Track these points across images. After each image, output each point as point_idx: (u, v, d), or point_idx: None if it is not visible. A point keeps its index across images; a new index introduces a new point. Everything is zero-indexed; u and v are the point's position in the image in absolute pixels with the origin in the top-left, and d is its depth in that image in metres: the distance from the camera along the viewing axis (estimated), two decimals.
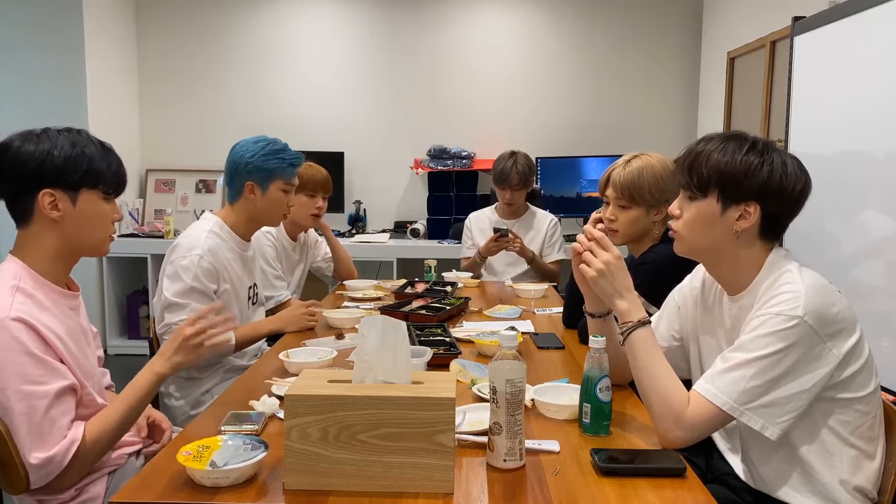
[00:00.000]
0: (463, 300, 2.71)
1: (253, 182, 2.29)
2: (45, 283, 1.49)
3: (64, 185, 1.47)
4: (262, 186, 2.30)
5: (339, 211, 5.15)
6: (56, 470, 1.38)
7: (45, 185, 1.46)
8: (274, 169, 2.30)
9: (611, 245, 1.52)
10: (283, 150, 2.34)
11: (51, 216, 1.47)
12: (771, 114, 3.88)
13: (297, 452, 1.17)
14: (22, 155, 1.45)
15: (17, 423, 1.36)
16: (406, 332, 1.29)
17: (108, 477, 1.58)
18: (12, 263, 1.49)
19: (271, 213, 2.36)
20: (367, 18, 5.27)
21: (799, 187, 1.39)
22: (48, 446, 1.37)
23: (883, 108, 2.46)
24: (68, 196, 1.48)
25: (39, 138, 1.47)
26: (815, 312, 1.30)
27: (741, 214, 1.40)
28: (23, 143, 1.46)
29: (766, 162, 1.38)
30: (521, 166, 3.44)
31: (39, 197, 1.45)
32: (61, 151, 1.46)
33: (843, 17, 2.75)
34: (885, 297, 2.42)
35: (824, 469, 1.36)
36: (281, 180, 2.32)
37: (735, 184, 1.39)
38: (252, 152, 2.29)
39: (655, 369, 1.42)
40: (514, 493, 1.19)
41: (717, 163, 1.40)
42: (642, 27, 5.27)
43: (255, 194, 2.30)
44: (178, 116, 5.29)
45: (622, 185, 2.12)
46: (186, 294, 2.10)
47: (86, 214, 1.50)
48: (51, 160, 1.45)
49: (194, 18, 5.26)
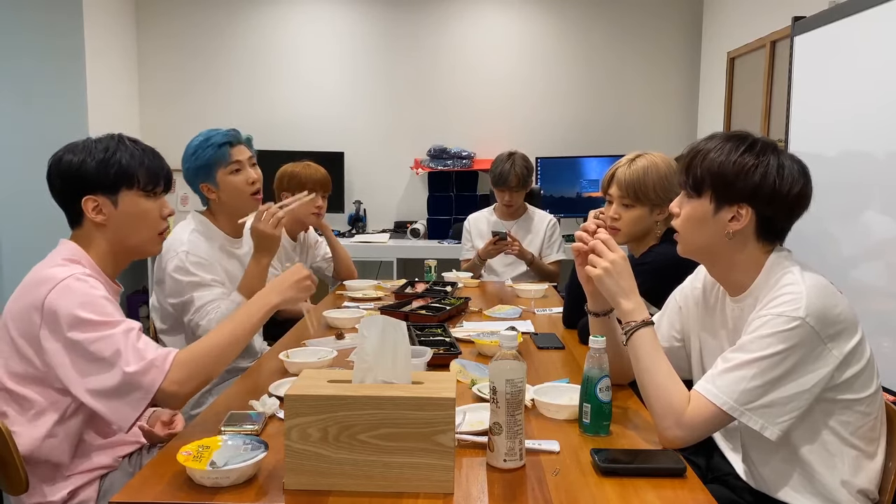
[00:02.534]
0: (463, 300, 2.71)
1: (204, 183, 2.22)
2: (99, 272, 1.56)
3: (102, 189, 1.55)
4: (212, 182, 2.21)
5: (339, 211, 5.15)
6: (159, 375, 1.41)
7: (85, 191, 1.54)
8: (207, 160, 2.17)
9: (616, 246, 1.52)
10: (207, 138, 2.20)
11: (96, 220, 1.55)
12: (771, 114, 3.89)
13: (297, 452, 1.17)
14: (63, 165, 1.55)
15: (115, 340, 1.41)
16: (406, 332, 1.28)
17: (100, 481, 1.57)
18: (74, 247, 1.57)
19: (237, 200, 2.23)
20: (367, 18, 5.27)
21: (796, 191, 1.37)
22: (147, 355, 1.42)
23: (883, 108, 2.46)
24: (109, 199, 1.55)
25: (78, 148, 1.56)
26: (816, 314, 1.30)
27: (733, 216, 1.40)
28: (65, 154, 1.56)
29: (760, 164, 1.37)
30: (520, 168, 3.43)
31: (83, 203, 1.54)
32: (94, 157, 1.54)
33: (843, 17, 2.75)
34: (885, 297, 2.42)
35: (825, 470, 1.36)
36: (220, 166, 2.18)
37: (726, 185, 1.39)
38: (185, 158, 2.22)
39: (657, 369, 1.42)
40: (514, 493, 1.19)
41: (712, 163, 1.40)
42: (642, 27, 5.27)
43: (213, 192, 2.22)
44: (178, 116, 5.29)
45: (627, 184, 2.11)
46: (193, 287, 2.10)
47: (129, 214, 1.57)
48: (86, 167, 1.53)
49: (194, 18, 5.27)
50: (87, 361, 1.41)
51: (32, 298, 1.44)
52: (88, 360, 1.41)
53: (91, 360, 1.41)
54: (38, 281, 1.46)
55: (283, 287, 1.72)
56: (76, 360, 1.41)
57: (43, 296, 1.42)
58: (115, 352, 1.40)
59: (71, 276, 1.44)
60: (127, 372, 1.39)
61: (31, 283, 1.47)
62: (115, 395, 1.41)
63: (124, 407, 1.41)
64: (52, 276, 1.45)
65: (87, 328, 1.41)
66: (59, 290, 1.42)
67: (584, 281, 1.61)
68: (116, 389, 1.40)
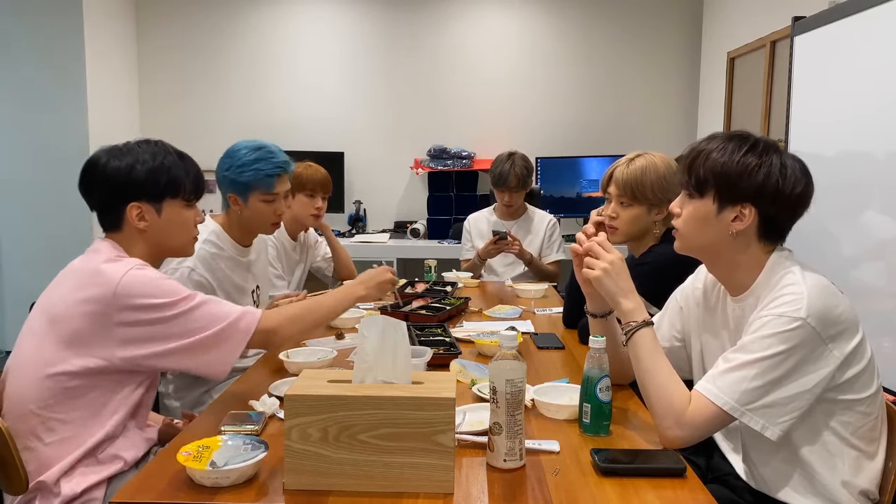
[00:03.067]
0: (463, 300, 2.71)
1: (233, 194, 2.24)
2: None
3: (148, 197, 1.58)
4: (243, 198, 2.24)
5: (339, 211, 5.15)
6: (253, 319, 1.57)
7: (132, 198, 1.57)
8: (248, 182, 2.20)
9: (612, 248, 1.52)
10: (260, 160, 2.21)
11: (138, 227, 1.58)
12: (771, 114, 3.89)
13: (297, 452, 1.17)
14: (108, 171, 1.56)
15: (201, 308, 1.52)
16: (406, 332, 1.29)
17: (108, 483, 1.57)
18: (118, 246, 1.59)
19: (257, 223, 2.29)
20: (367, 18, 5.27)
21: (798, 190, 1.38)
22: (235, 308, 1.57)
23: (883, 108, 2.46)
24: (153, 207, 1.59)
25: (123, 153, 1.58)
26: (817, 314, 1.29)
27: (736, 216, 1.40)
28: (109, 160, 1.57)
29: (763, 164, 1.37)
30: (519, 168, 3.43)
31: (127, 210, 1.57)
32: (143, 165, 1.57)
33: (843, 17, 2.75)
34: (885, 297, 2.42)
35: (825, 470, 1.36)
36: (259, 192, 2.22)
37: (730, 185, 1.38)
38: (228, 164, 2.22)
39: (658, 369, 1.42)
40: (514, 493, 1.19)
41: (715, 163, 1.40)
42: (642, 27, 5.27)
43: (238, 205, 2.25)
44: (178, 117, 5.29)
45: (625, 183, 2.11)
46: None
47: (170, 222, 1.62)
48: (135, 174, 1.56)
49: (194, 19, 5.27)
50: (181, 334, 1.49)
51: (99, 291, 1.46)
52: (181, 332, 1.49)
53: (183, 331, 1.49)
54: (98, 273, 1.48)
55: (369, 284, 1.89)
56: (170, 336, 1.49)
57: (114, 286, 1.46)
58: (204, 315, 1.52)
59: (134, 266, 1.50)
60: (222, 326, 1.52)
61: (90, 278, 1.49)
62: (214, 347, 1.52)
63: (223, 354, 1.53)
64: (115, 269, 1.49)
65: (171, 307, 1.49)
66: (130, 277, 1.47)
67: (583, 282, 1.61)
68: (215, 341, 1.52)
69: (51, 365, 1.47)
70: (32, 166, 4.74)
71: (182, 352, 1.50)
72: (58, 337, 1.48)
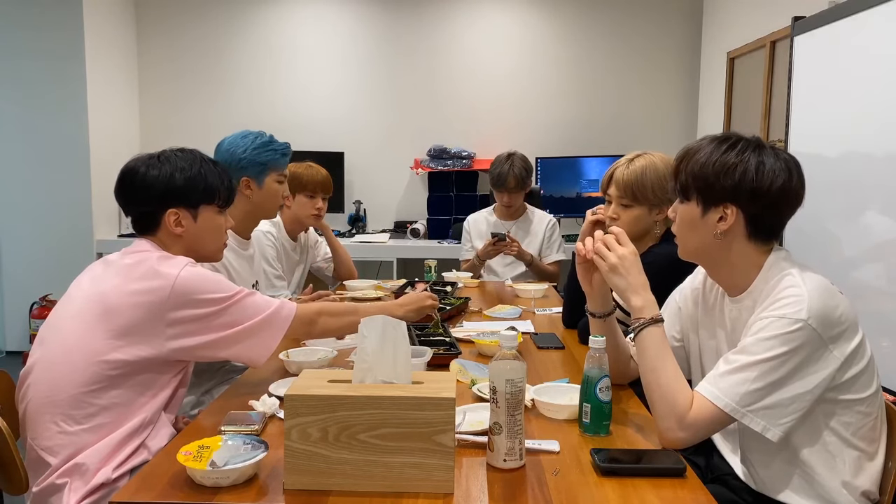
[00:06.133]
0: (463, 300, 2.71)
1: (248, 177, 2.32)
2: None
3: (186, 204, 1.67)
4: (258, 181, 2.34)
5: (339, 211, 5.15)
6: (291, 309, 1.69)
7: (170, 205, 1.65)
8: (267, 161, 2.34)
9: (628, 241, 1.52)
10: (272, 141, 2.38)
11: (175, 232, 1.66)
12: (771, 114, 3.89)
13: (297, 452, 1.17)
14: (148, 179, 1.63)
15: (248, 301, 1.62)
16: (406, 332, 1.29)
17: (129, 474, 1.57)
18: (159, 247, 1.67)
19: (269, 205, 2.40)
20: (367, 19, 5.27)
21: (777, 185, 1.36)
22: (275, 301, 1.68)
23: (883, 108, 2.46)
24: (190, 213, 1.68)
25: (161, 161, 1.66)
26: (818, 316, 1.29)
27: (721, 216, 1.40)
28: (147, 169, 1.64)
29: (740, 163, 1.37)
30: (518, 169, 3.43)
31: (166, 216, 1.65)
32: (182, 173, 1.66)
33: (843, 17, 2.75)
34: (885, 297, 2.42)
35: (825, 471, 1.36)
36: (275, 172, 2.36)
37: (709, 186, 1.39)
38: (243, 147, 2.31)
39: (663, 368, 1.41)
40: (514, 493, 1.19)
41: (695, 165, 1.41)
42: (642, 27, 5.27)
43: (250, 189, 2.34)
44: (178, 117, 5.30)
45: (625, 184, 2.11)
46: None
47: (205, 228, 1.71)
48: (174, 182, 1.64)
49: (194, 20, 5.27)
50: (230, 324, 1.59)
51: (157, 284, 1.53)
52: (230, 322, 1.59)
53: (232, 321, 1.59)
54: (155, 269, 1.55)
55: (409, 307, 1.99)
56: (220, 326, 1.58)
57: (172, 280, 1.53)
58: (250, 306, 1.62)
59: (188, 263, 1.59)
60: (266, 315, 1.63)
61: (146, 273, 1.55)
62: (257, 334, 1.62)
63: (265, 340, 1.63)
64: (172, 265, 1.56)
65: (222, 301, 1.58)
66: (186, 273, 1.55)
67: (583, 281, 1.61)
68: (259, 329, 1.62)
69: (100, 353, 1.52)
70: (32, 166, 4.75)
71: (229, 340, 1.60)
72: (110, 326, 1.53)
